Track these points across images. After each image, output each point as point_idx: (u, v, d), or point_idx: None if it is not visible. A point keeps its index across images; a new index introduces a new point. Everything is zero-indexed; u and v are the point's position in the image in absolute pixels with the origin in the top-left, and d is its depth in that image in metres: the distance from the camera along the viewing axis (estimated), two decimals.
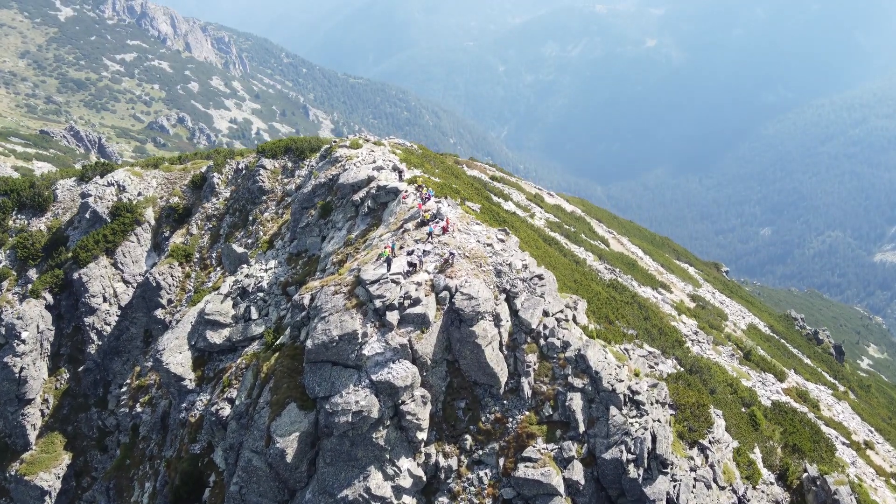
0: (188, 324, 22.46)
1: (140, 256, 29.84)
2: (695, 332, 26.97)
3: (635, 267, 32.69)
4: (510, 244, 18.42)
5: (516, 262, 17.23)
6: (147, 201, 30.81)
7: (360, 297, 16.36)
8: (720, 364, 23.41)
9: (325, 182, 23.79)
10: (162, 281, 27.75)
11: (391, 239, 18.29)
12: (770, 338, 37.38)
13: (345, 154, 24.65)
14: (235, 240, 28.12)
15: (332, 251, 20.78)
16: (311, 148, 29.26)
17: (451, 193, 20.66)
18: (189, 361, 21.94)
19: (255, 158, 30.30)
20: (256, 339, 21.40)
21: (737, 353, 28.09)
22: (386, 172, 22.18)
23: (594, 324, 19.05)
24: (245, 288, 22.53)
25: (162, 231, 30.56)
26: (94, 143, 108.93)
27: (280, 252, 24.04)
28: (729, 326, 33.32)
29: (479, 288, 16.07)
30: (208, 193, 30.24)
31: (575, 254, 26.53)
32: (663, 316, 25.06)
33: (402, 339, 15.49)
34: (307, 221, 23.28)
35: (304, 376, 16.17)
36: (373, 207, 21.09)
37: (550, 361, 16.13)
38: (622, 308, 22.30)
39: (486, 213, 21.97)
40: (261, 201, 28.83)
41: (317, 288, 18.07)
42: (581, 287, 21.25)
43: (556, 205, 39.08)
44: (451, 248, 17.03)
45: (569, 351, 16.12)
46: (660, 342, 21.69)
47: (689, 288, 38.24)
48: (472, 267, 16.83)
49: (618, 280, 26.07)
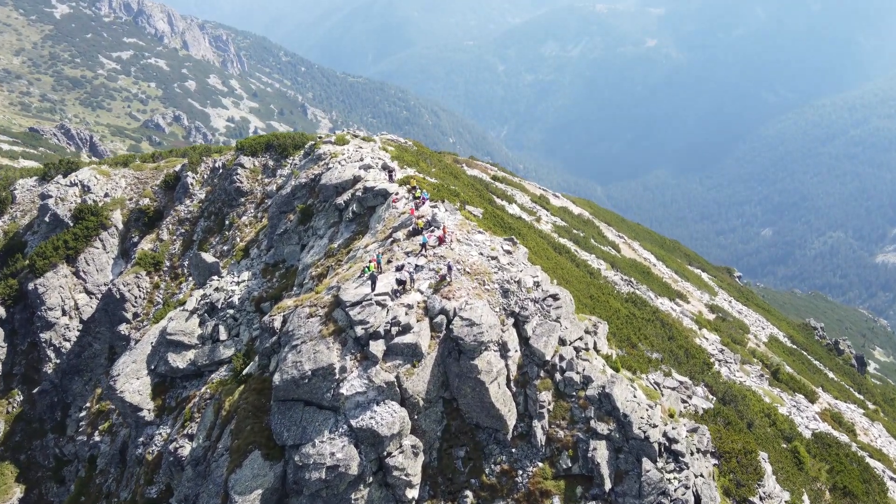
0: (148, 345, 19.61)
1: (105, 264, 26.96)
2: (720, 351, 24.32)
3: (650, 275, 30.02)
4: (518, 256, 15.64)
5: (526, 278, 14.44)
6: (114, 203, 27.93)
7: (338, 321, 13.57)
8: (752, 389, 20.82)
9: (305, 182, 20.95)
10: (127, 292, 24.87)
11: (377, 250, 15.47)
12: (793, 351, 35.13)
13: (329, 151, 21.80)
14: (210, 246, 25.24)
15: (312, 263, 17.95)
16: (295, 144, 26.40)
17: (449, 196, 17.84)
18: (148, 389, 19.08)
19: (233, 156, 27.44)
20: (225, 364, 18.56)
21: (765, 372, 25.66)
22: (374, 172, 19.34)
23: (616, 349, 16.34)
24: (214, 303, 19.69)
25: (130, 236, 27.68)
26: (86, 142, 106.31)
27: (255, 262, 21.20)
28: (751, 340, 30.96)
29: (483, 311, 13.30)
30: (181, 195, 27.38)
31: (588, 263, 23.80)
32: (687, 333, 22.37)
33: (389, 374, 12.72)
34: (285, 227, 20.44)
35: (272, 417, 13.38)
36: (358, 212, 18.27)
37: (568, 401, 13.36)
38: (644, 327, 19.58)
39: (489, 218, 19.18)
40: (238, 203, 25.97)
41: (290, 308, 15.27)
42: (598, 304, 18.49)
43: (563, 207, 36.34)
44: (449, 262, 14.23)
45: (590, 388, 13.34)
46: (687, 366, 19.05)
47: (706, 297, 35.75)
48: (474, 285, 14.03)
49: (636, 293, 23.35)
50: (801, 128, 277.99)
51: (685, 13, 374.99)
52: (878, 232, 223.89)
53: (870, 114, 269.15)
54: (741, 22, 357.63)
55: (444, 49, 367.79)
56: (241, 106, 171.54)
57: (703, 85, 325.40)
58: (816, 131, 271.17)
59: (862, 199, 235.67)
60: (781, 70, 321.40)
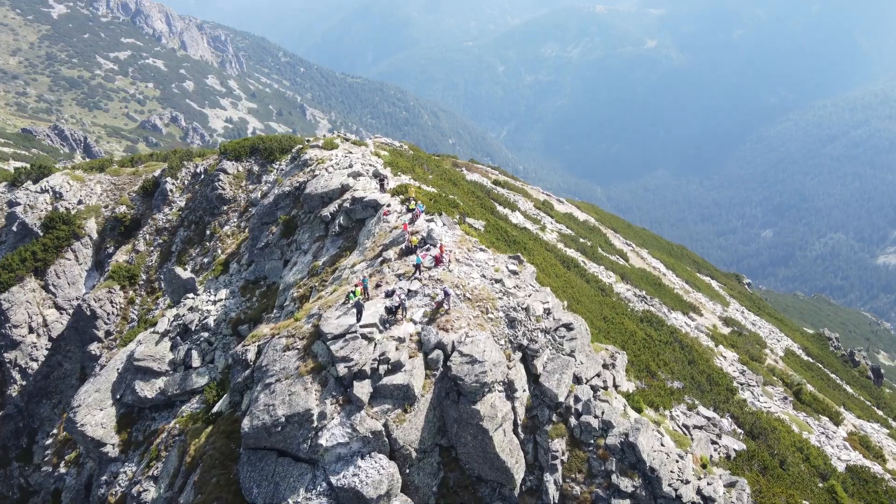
0: (114, 371, 17.69)
1: (77, 277, 25.02)
2: (741, 371, 22.50)
3: (662, 287, 28.21)
4: (525, 276, 13.77)
5: (535, 305, 12.56)
6: (89, 211, 26.00)
7: (318, 357, 11.69)
8: (780, 418, 19.01)
9: (289, 191, 19.04)
10: (98, 308, 22.94)
11: (365, 272, 13.58)
12: (810, 365, 33.47)
13: (315, 157, 19.87)
14: (189, 258, 23.32)
15: (294, 282, 16.05)
16: (282, 148, 24.49)
17: (447, 208, 15.94)
18: (112, 421, 17.16)
19: (215, 161, 25.52)
20: (198, 394, 16.64)
21: (788, 393, 23.90)
22: (364, 180, 17.43)
23: (635, 380, 14.50)
24: (187, 325, 17.78)
25: (105, 246, 25.76)
26: (80, 143, 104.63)
27: (234, 278, 19.29)
28: (769, 356, 29.22)
29: (486, 345, 11.43)
30: (160, 202, 25.46)
31: (598, 278, 21.94)
32: (706, 354, 20.52)
33: (376, 422, 10.84)
34: (267, 241, 18.53)
35: (240, 468, 11.50)
36: (346, 225, 16.37)
37: (586, 450, 11.49)
38: (662, 351, 17.73)
39: (491, 231, 17.29)
40: (220, 212, 24.05)
41: (265, 337, 13.39)
42: (613, 326, 16.62)
43: (568, 213, 34.50)
44: (446, 287, 12.36)
45: (611, 435, 11.47)
46: (711, 395, 17.23)
47: (719, 308, 34.00)
48: (476, 314, 12.16)
49: (650, 310, 21.49)
50: (801, 129, 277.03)
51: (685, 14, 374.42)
52: (879, 233, 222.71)
53: (871, 114, 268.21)
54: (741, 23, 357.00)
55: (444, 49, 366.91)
56: (240, 106, 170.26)
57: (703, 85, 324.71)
58: (817, 132, 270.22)
59: (863, 200, 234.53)
60: (781, 71, 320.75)
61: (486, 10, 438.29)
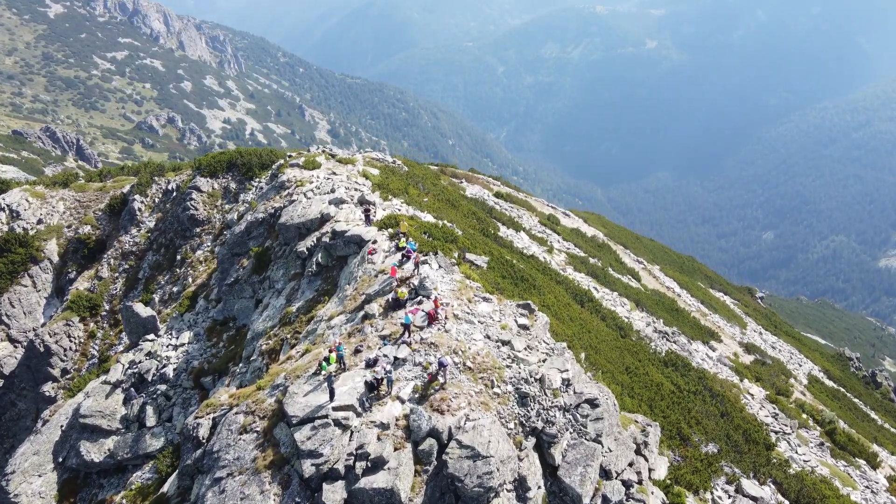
0: (56, 429, 15.23)
1: (35, 305, 22.58)
2: (774, 416, 20.20)
3: (679, 313, 25.90)
4: (537, 331, 11.37)
5: (552, 375, 10.15)
6: (49, 231, 23.54)
7: (281, 446, 9.29)
8: (824, 477, 16.69)
9: (263, 218, 16.62)
10: (54, 344, 20.47)
11: (343, 328, 11.13)
12: (836, 393, 31.32)
13: (294, 178, 17.42)
14: (157, 287, 20.88)
15: (263, 331, 13.64)
16: (262, 164, 22.05)
17: (445, 246, 13.48)
18: (53, 489, 14.70)
19: (189, 176, 23.06)
20: (153, 459, 14.19)
21: (823, 437, 21.61)
22: (348, 209, 14.98)
23: (667, 451, 12.14)
24: (143, 374, 15.31)
25: (67, 271, 23.31)
26: (72, 145, 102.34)
27: (201, 317, 16.84)
28: (795, 387, 26.94)
29: (492, 433, 9.03)
30: (127, 222, 23.00)
31: (615, 313, 19.55)
32: (737, 400, 18.15)
33: None
34: (237, 276, 16.10)
35: None
36: (325, 264, 13.95)
37: None
38: (693, 404, 15.38)
39: (496, 267, 14.89)
40: (193, 234, 21.59)
41: (223, 407, 10.96)
42: (637, 379, 14.24)
43: (575, 229, 32.16)
44: (442, 353, 9.94)
45: None
46: (750, 457, 14.90)
47: (738, 331, 31.77)
48: (478, 388, 9.74)
49: (674, 350, 19.11)
50: (802, 130, 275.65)
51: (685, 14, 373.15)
52: (881, 236, 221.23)
53: (872, 116, 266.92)
54: (741, 24, 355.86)
55: (444, 50, 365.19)
56: (238, 107, 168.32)
57: (704, 87, 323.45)
58: (818, 134, 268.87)
59: (864, 202, 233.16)
60: (782, 72, 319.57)
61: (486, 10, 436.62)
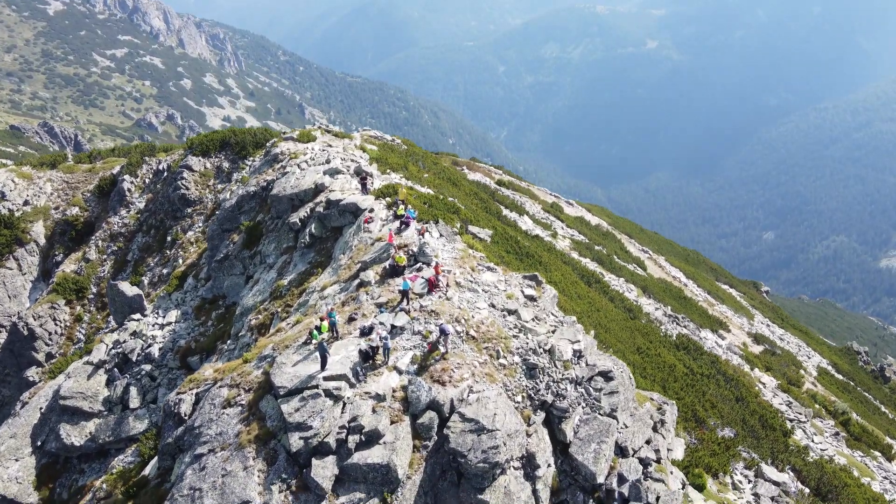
0: (36, 411, 14.42)
1: (21, 289, 21.82)
2: (788, 404, 19.49)
3: (686, 301, 25.20)
4: (545, 303, 10.59)
5: (562, 346, 9.39)
6: (36, 213, 22.78)
7: (267, 420, 8.55)
8: (844, 467, 15.92)
9: (255, 192, 15.88)
10: (38, 327, 19.68)
11: (337, 297, 10.32)
12: (846, 385, 30.64)
13: (288, 150, 16.69)
14: (147, 269, 20.11)
15: (253, 306, 12.91)
16: (256, 143, 21.30)
17: (446, 215, 12.72)
18: (31, 474, 13.94)
19: (180, 156, 22.24)
20: (136, 442, 13.36)
21: (838, 427, 20.86)
22: (343, 179, 14.22)
23: (683, 433, 11.36)
24: (127, 354, 14.50)
25: (54, 253, 22.56)
26: (70, 140, 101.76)
27: (189, 296, 16.07)
28: (805, 378, 26.17)
29: (498, 405, 8.28)
30: (116, 203, 22.25)
31: (624, 296, 18.81)
32: (753, 388, 17.36)
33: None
34: (227, 252, 15.31)
35: None
36: (318, 235, 13.20)
37: None
38: (707, 387, 14.64)
39: (500, 241, 14.14)
40: (184, 215, 20.85)
41: (207, 382, 10.16)
42: (649, 360, 13.49)
43: (579, 217, 31.44)
44: (444, 321, 9.15)
45: None
46: (767, 443, 14.13)
47: (745, 322, 31.07)
48: (483, 359, 8.97)
49: (685, 335, 18.33)
50: (802, 130, 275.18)
51: (686, 15, 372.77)
52: (882, 236, 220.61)
53: (873, 116, 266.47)
54: (742, 24, 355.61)
55: (444, 50, 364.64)
56: (238, 105, 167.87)
57: (704, 87, 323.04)
58: (818, 134, 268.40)
59: (865, 203, 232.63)
60: (782, 72, 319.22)
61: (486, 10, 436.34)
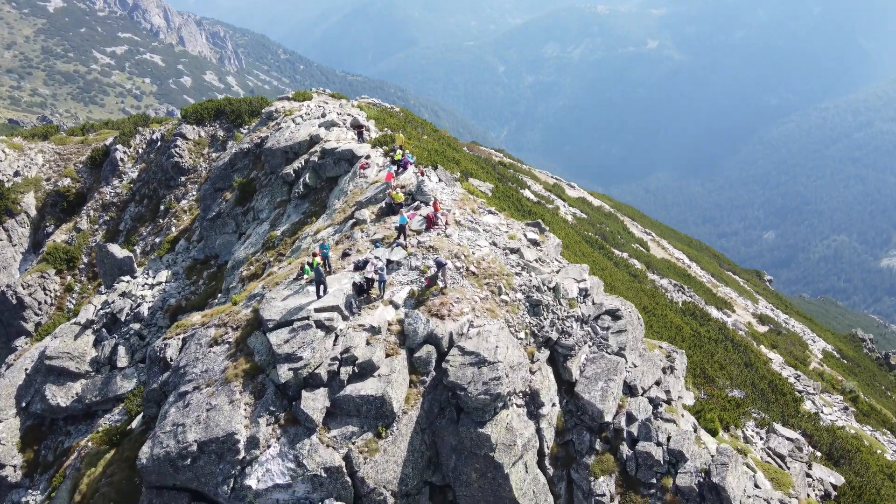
0: (21, 372, 13.94)
1: (11, 260, 21.32)
2: (796, 377, 18.94)
3: (690, 279, 24.66)
4: (548, 249, 10.10)
5: (567, 284, 8.88)
6: (27, 184, 22.31)
7: (255, 354, 8.02)
8: (858, 437, 15.45)
9: (249, 149, 15.34)
10: (27, 296, 19.18)
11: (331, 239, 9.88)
12: (852, 369, 30.02)
13: (283, 108, 16.16)
14: (139, 238, 19.63)
15: (245, 258, 12.37)
16: (252, 111, 20.82)
17: (446, 163, 12.23)
18: (15, 436, 13.43)
19: (174, 125, 21.80)
20: (123, 401, 12.92)
21: (847, 402, 20.39)
22: (339, 131, 13.68)
23: (692, 388, 10.90)
24: (116, 315, 14.04)
25: (45, 225, 22.08)
26: None
27: (181, 257, 15.56)
28: (812, 357, 25.74)
29: (499, 339, 7.76)
30: (109, 173, 21.75)
31: (628, 262, 18.31)
32: (762, 357, 16.91)
33: (334, 453, 7.15)
34: (219, 210, 14.81)
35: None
36: (313, 185, 12.66)
37: (645, 493, 7.80)
38: (714, 350, 14.11)
39: (501, 197, 13.61)
40: (178, 184, 20.34)
41: (195, 327, 9.72)
42: (655, 319, 12.99)
43: (581, 198, 30.93)
44: (442, 256, 8.68)
45: (683, 472, 7.77)
46: (777, 407, 13.64)
47: (749, 304, 30.57)
48: (484, 294, 8.47)
49: (692, 303, 17.88)
50: (803, 130, 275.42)
51: (686, 14, 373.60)
52: (882, 236, 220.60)
53: (874, 116, 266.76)
54: (742, 24, 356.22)
55: (445, 49, 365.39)
56: None
57: (705, 87, 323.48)
58: (819, 134, 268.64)
59: (866, 202, 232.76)
60: (783, 72, 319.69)
61: (486, 9, 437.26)
